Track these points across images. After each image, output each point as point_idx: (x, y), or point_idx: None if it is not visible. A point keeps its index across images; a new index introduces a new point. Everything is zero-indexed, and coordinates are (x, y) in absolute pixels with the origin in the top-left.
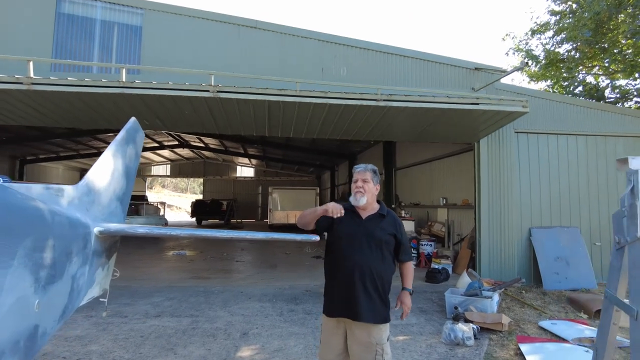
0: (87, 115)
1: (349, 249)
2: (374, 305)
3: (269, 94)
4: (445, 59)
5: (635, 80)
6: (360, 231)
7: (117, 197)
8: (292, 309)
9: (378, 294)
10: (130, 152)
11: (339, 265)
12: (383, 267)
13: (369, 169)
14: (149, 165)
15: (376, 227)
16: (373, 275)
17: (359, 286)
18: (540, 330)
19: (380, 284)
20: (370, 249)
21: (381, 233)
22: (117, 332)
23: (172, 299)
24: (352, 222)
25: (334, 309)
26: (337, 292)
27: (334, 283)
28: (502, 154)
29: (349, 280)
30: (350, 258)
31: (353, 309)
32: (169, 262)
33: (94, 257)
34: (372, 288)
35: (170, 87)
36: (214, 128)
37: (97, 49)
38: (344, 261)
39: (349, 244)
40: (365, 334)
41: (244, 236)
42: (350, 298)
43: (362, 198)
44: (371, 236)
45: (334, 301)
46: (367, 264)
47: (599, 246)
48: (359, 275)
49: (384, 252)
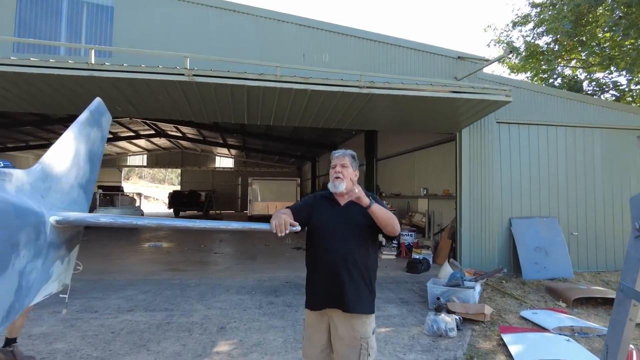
0: (54, 99)
1: (330, 239)
2: (360, 295)
3: (248, 79)
4: (429, 47)
5: (611, 73)
6: (340, 219)
7: (79, 185)
8: (272, 301)
9: (364, 282)
10: (95, 135)
11: (320, 256)
12: (367, 255)
13: (347, 154)
14: (124, 155)
15: (356, 212)
16: (357, 264)
17: (343, 276)
18: (521, 320)
19: (365, 272)
20: (353, 237)
21: (361, 218)
22: (86, 329)
23: (147, 292)
24: (331, 211)
25: (316, 302)
26: (320, 285)
27: (315, 276)
28: (483, 144)
29: (332, 272)
30: (332, 248)
31: (338, 300)
32: (144, 254)
33: (50, 249)
34: (358, 277)
35: (143, 70)
36: (190, 115)
37: (64, 29)
38: (325, 252)
39: (330, 234)
40: (349, 328)
41: (217, 226)
42: (334, 289)
43: (341, 184)
44: (352, 223)
45: (315, 294)
46: (350, 253)
47: (576, 236)
48: (342, 266)
49: (366, 239)
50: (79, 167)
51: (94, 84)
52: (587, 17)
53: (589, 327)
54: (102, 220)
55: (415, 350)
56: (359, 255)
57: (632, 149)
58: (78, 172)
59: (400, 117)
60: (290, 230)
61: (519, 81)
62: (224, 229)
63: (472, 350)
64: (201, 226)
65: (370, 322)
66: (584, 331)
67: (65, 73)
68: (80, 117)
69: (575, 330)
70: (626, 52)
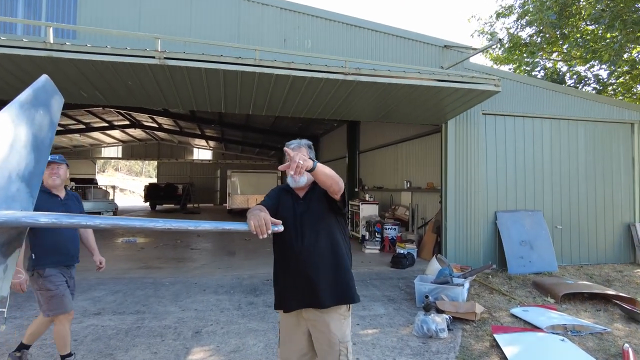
0: (8, 83)
1: (293, 233)
2: (332, 285)
3: (224, 62)
4: (415, 35)
5: (592, 67)
6: (300, 211)
7: (20, 177)
8: (252, 301)
9: (333, 272)
10: (41, 118)
11: (286, 253)
12: (334, 242)
13: (303, 144)
14: (98, 146)
15: (314, 200)
16: (323, 255)
17: (310, 271)
18: (512, 317)
19: (334, 261)
20: (315, 227)
21: (319, 204)
22: (45, 336)
23: (117, 292)
24: (292, 205)
25: (285, 301)
26: (289, 283)
27: (283, 275)
28: (469, 136)
29: (299, 268)
30: (295, 243)
31: (308, 296)
32: (116, 250)
33: None
34: (326, 268)
35: (107, 51)
36: (163, 102)
37: (21, 5)
38: (290, 249)
39: (292, 228)
40: (325, 330)
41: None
42: (304, 286)
43: (302, 178)
44: (312, 212)
45: (284, 293)
46: (314, 244)
47: (560, 229)
48: (308, 259)
49: (330, 224)
50: (19, 156)
51: (53, 66)
52: (571, 8)
53: (582, 324)
54: (41, 220)
55: (405, 354)
56: (325, 244)
57: (615, 142)
58: (19, 162)
59: (385, 107)
60: (273, 230)
61: (505, 72)
62: (193, 230)
63: (465, 352)
64: (165, 227)
65: (346, 321)
66: (577, 329)
67: (17, 52)
68: (20, 96)
69: (568, 328)
70: (608, 44)
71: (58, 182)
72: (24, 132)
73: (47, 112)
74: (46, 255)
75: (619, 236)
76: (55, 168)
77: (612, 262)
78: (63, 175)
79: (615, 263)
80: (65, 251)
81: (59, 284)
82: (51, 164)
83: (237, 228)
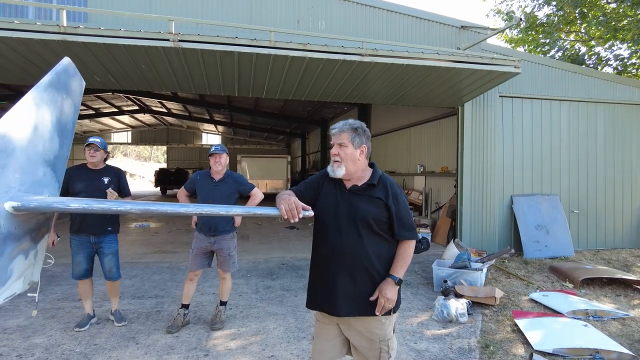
0: (22, 67)
1: (328, 229)
2: (361, 295)
3: (239, 44)
4: (431, 15)
5: (612, 46)
6: (342, 206)
7: (45, 161)
8: (269, 285)
9: (371, 280)
10: (64, 102)
11: (318, 249)
12: (372, 249)
13: (346, 129)
14: (108, 132)
15: (362, 200)
16: (360, 260)
17: (341, 275)
18: (532, 302)
19: (370, 268)
20: (356, 228)
21: (368, 207)
22: (69, 320)
23: (134, 277)
24: (334, 195)
25: (314, 302)
26: (317, 281)
27: (314, 271)
28: (486, 119)
29: (327, 267)
30: (329, 240)
31: (331, 303)
32: (130, 235)
33: (7, 243)
34: (359, 275)
35: (122, 34)
36: (175, 86)
37: None
38: (322, 245)
39: (329, 222)
40: (364, 330)
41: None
42: (328, 289)
43: (339, 169)
44: (355, 212)
45: (314, 292)
46: (349, 247)
47: (577, 214)
48: (340, 261)
49: (374, 231)
50: (44, 140)
51: (67, 50)
52: None
53: (603, 310)
54: (72, 205)
55: (426, 339)
56: (362, 250)
57: (636, 125)
58: (44, 146)
59: (401, 90)
60: (304, 215)
61: (522, 53)
62: (224, 214)
63: (486, 337)
64: (197, 211)
65: (389, 323)
66: (598, 314)
67: (32, 37)
68: (43, 79)
69: (589, 313)
70: (632, 21)
71: (219, 168)
72: (48, 116)
73: (69, 94)
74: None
75: (637, 221)
76: (217, 157)
77: (629, 246)
78: (224, 162)
79: (632, 248)
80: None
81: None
82: (213, 155)
83: (269, 213)
